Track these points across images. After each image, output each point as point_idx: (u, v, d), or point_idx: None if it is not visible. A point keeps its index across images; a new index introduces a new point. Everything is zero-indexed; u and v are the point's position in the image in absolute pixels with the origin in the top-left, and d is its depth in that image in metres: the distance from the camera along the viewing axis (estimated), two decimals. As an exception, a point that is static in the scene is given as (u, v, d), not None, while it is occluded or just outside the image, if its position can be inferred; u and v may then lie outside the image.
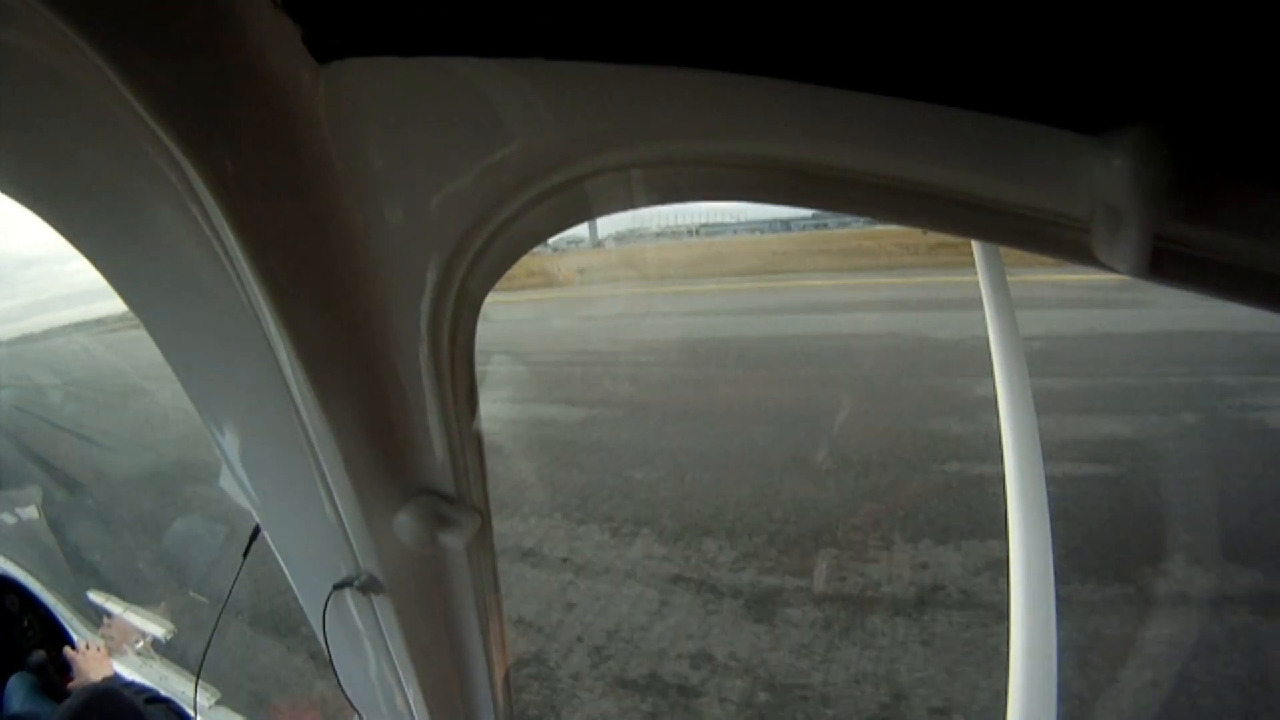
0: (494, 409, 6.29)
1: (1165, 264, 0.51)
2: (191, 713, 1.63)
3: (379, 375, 0.82)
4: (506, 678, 1.08)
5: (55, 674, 1.77)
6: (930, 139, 0.53)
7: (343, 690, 1.10)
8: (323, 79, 0.66)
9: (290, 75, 0.65)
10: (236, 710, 2.07)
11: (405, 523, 0.87)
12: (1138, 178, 0.46)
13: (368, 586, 0.93)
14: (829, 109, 0.52)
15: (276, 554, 1.03)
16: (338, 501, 0.88)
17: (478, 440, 0.87)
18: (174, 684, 2.13)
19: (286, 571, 1.05)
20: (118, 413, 8.67)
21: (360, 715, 1.13)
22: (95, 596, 2.65)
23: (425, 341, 0.79)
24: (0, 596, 1.98)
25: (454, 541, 0.88)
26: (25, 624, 1.98)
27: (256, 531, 1.04)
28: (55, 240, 0.77)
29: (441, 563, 0.95)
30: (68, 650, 1.81)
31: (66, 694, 1.66)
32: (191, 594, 4.21)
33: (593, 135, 0.61)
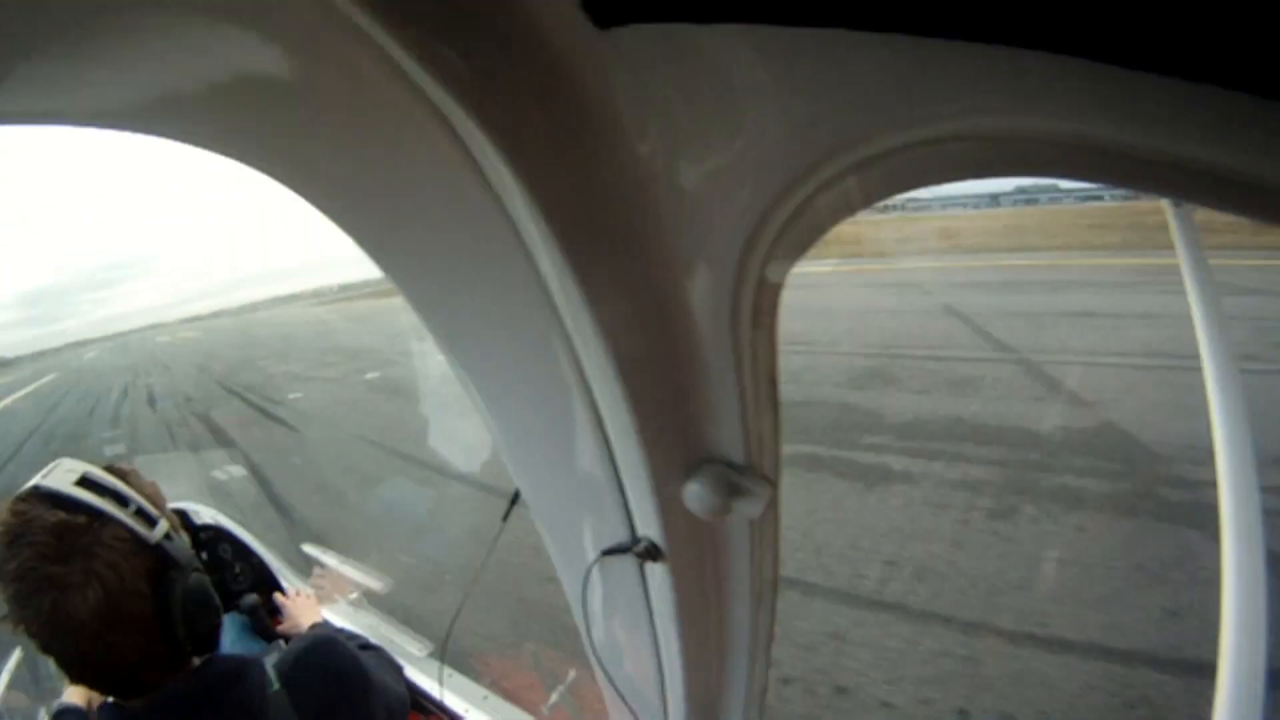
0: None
1: None
2: (437, 688, 1.77)
3: (674, 340, 0.80)
4: (768, 652, 1.06)
5: (266, 617, 1.95)
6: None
7: (595, 654, 1.12)
8: (606, 47, 0.62)
9: (570, 44, 0.61)
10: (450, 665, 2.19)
11: (696, 490, 0.85)
12: None
13: (645, 553, 0.92)
14: (1129, 90, 0.47)
15: (536, 518, 1.05)
16: (620, 468, 0.88)
17: (774, 408, 0.83)
18: (383, 632, 2.29)
19: (546, 535, 1.07)
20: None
21: (607, 674, 1.15)
22: (309, 549, 2.92)
23: (726, 311, 0.76)
24: (214, 545, 2.20)
25: (750, 510, 0.85)
26: (237, 570, 2.20)
27: (516, 496, 1.07)
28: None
29: (723, 533, 0.93)
30: (277, 596, 1.96)
31: (275, 635, 1.84)
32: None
33: (892, 110, 0.57)
